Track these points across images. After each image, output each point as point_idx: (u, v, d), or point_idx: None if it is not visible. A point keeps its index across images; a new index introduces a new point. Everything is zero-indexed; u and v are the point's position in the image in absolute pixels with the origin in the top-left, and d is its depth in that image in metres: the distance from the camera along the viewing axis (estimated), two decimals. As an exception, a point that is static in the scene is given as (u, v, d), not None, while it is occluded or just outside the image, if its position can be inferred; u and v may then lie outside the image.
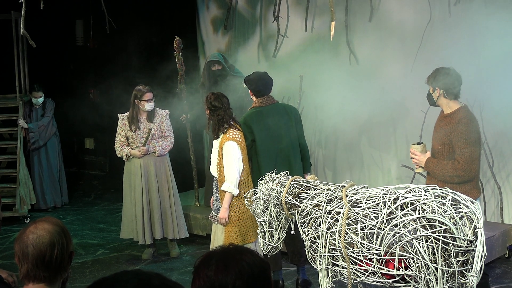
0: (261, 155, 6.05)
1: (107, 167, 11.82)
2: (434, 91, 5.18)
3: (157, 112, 7.18)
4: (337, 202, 4.50)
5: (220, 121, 5.80)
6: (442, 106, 5.21)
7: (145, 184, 7.11)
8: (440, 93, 5.14)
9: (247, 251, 2.11)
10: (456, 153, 5.01)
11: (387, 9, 7.68)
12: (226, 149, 5.72)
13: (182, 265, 7.15)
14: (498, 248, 6.74)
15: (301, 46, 8.36)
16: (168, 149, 7.21)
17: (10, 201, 8.89)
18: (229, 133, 5.77)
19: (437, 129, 5.25)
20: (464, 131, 5.00)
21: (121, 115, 7.21)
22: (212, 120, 5.87)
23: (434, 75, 5.18)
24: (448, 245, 4.01)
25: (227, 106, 5.86)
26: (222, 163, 5.76)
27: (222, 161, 5.75)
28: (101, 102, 10.80)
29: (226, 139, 5.73)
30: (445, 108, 5.20)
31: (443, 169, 5.05)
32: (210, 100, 5.87)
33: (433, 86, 5.18)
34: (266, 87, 6.17)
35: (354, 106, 7.58)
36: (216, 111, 5.81)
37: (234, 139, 5.74)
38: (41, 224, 2.71)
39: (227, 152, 5.72)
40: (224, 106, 5.82)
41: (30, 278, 2.68)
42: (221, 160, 5.76)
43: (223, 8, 9.19)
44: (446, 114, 5.18)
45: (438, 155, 5.16)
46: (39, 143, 9.34)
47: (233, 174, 5.71)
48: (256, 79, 6.17)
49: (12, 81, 9.55)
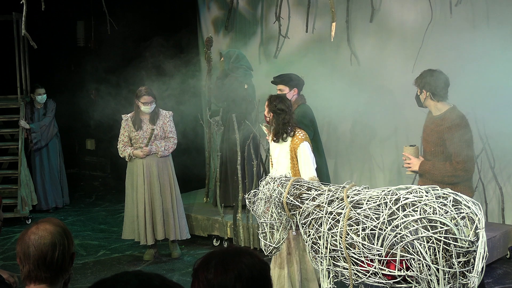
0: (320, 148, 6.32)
1: (108, 168, 11.83)
2: (421, 93, 5.21)
3: (160, 113, 7.19)
4: (338, 203, 4.50)
5: (285, 125, 5.61)
6: (430, 107, 5.25)
7: (147, 184, 7.11)
8: (427, 95, 5.17)
9: (246, 252, 2.10)
10: (453, 154, 5.02)
11: (388, 9, 7.68)
12: (302, 150, 5.56)
13: (184, 266, 7.15)
14: (500, 248, 6.74)
15: (302, 46, 8.36)
16: (171, 150, 7.21)
17: (12, 202, 8.90)
18: (298, 134, 5.61)
19: (427, 131, 5.27)
20: (459, 132, 5.03)
21: (125, 116, 7.23)
22: (276, 124, 5.64)
23: (421, 77, 5.21)
24: (450, 245, 4.01)
25: (291, 108, 5.70)
26: (296, 165, 5.61)
27: (297, 163, 5.61)
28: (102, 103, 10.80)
29: (300, 141, 5.57)
30: (433, 109, 5.23)
31: (441, 170, 5.05)
32: (274, 103, 5.66)
33: (420, 88, 5.21)
34: (302, 86, 6.56)
35: (355, 106, 7.59)
36: (281, 115, 5.61)
37: (307, 139, 5.62)
38: (43, 225, 2.71)
39: (303, 153, 5.56)
40: (288, 109, 5.66)
41: (31, 278, 2.68)
42: (295, 163, 5.61)
43: (224, 9, 9.19)
44: (435, 115, 5.21)
45: (431, 157, 5.18)
46: (41, 143, 9.35)
47: (313, 173, 5.56)
48: (293, 77, 6.47)
49: (13, 82, 9.56)
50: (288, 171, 5.60)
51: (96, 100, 11.44)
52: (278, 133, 5.64)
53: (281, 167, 5.67)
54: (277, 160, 5.72)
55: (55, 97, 9.67)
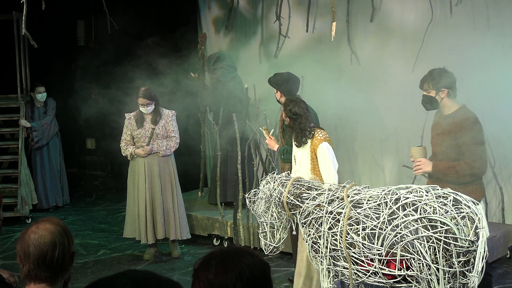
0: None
1: (108, 168, 11.83)
2: (438, 93, 5.10)
3: (163, 112, 7.20)
4: (339, 202, 4.50)
5: (302, 129, 5.50)
6: (445, 107, 5.12)
7: (148, 184, 7.12)
8: (446, 94, 5.09)
9: (247, 252, 2.09)
10: (468, 152, 4.93)
11: (389, 9, 7.68)
12: (321, 151, 5.43)
13: (184, 265, 7.15)
14: (500, 248, 6.74)
15: (303, 46, 8.36)
16: (172, 149, 7.22)
17: (12, 201, 8.90)
18: (317, 135, 5.49)
19: (438, 131, 5.18)
20: (473, 130, 4.97)
21: (128, 114, 7.25)
22: (294, 129, 5.54)
23: (436, 76, 5.12)
24: (450, 245, 4.01)
25: (306, 111, 5.58)
26: (317, 166, 5.47)
27: (317, 164, 5.47)
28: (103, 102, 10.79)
29: (319, 141, 5.45)
30: (446, 109, 5.13)
31: (457, 170, 4.97)
32: (289, 107, 5.56)
33: (437, 88, 5.10)
34: (298, 86, 6.39)
35: (355, 106, 7.58)
36: (297, 119, 5.50)
37: (326, 139, 5.49)
38: (43, 224, 2.71)
39: (323, 154, 5.43)
40: (304, 112, 5.53)
41: (31, 278, 2.68)
42: (315, 164, 5.47)
43: (224, 9, 9.19)
44: (446, 114, 5.13)
45: (442, 156, 5.10)
46: (42, 142, 9.35)
47: (333, 174, 5.43)
48: (287, 79, 6.26)
49: (13, 81, 9.56)
50: (309, 172, 5.48)
51: (97, 99, 11.45)
52: (297, 137, 5.53)
53: (303, 168, 5.55)
54: (299, 161, 5.61)
55: (55, 96, 9.67)
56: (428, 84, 5.14)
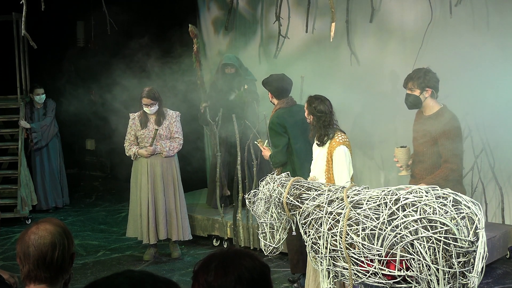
0: (296, 155, 6.05)
1: (108, 168, 11.83)
2: (422, 93, 5.19)
3: (167, 113, 7.20)
4: (338, 203, 4.50)
5: (325, 127, 5.37)
6: (427, 107, 5.24)
7: (151, 184, 7.13)
8: (429, 94, 5.17)
9: (247, 255, 2.08)
10: (446, 153, 5.05)
11: (388, 10, 7.68)
12: (337, 154, 5.32)
13: (184, 266, 7.15)
14: (499, 249, 6.74)
15: (302, 47, 8.36)
16: (176, 150, 7.22)
17: (11, 202, 8.90)
18: (337, 137, 5.37)
19: (419, 131, 5.26)
20: (452, 131, 5.06)
21: (132, 114, 7.26)
22: (317, 127, 5.40)
23: (422, 76, 5.18)
24: (449, 246, 4.01)
25: (331, 110, 5.46)
26: (331, 169, 5.36)
27: (331, 167, 5.35)
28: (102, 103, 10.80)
29: (337, 144, 5.33)
30: (428, 109, 5.23)
31: (441, 177, 5.06)
32: (314, 105, 5.43)
33: (421, 87, 5.18)
34: (289, 88, 6.29)
35: (354, 107, 7.58)
36: (321, 117, 5.38)
37: (345, 143, 5.38)
38: (43, 225, 2.71)
39: (339, 157, 5.32)
40: (330, 110, 5.42)
41: (31, 278, 2.68)
42: (329, 167, 5.36)
43: (224, 9, 9.19)
44: (427, 115, 5.21)
45: (423, 157, 5.20)
46: (42, 143, 9.35)
47: (346, 179, 5.26)
48: (279, 80, 6.21)
49: (13, 82, 9.55)
50: (323, 174, 5.41)
51: (96, 100, 11.45)
52: (321, 136, 5.41)
53: (318, 169, 5.47)
54: (315, 161, 5.53)
55: (54, 97, 9.67)
56: (413, 83, 5.22)
